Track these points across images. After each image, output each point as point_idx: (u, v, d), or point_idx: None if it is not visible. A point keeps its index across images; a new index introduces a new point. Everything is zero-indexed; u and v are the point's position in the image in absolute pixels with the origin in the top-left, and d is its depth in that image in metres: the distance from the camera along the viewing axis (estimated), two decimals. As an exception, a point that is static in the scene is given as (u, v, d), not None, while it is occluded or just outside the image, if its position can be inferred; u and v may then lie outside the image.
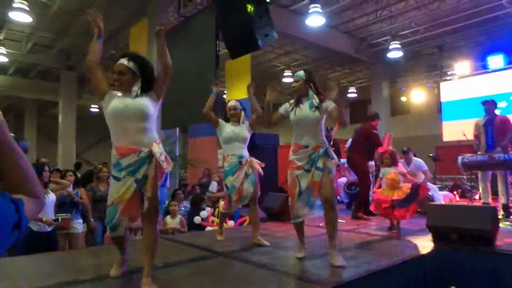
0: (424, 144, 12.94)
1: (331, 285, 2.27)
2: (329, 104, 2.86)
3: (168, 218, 4.80)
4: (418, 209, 5.42)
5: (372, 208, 4.33)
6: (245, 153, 3.70)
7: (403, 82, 13.56)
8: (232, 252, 3.19)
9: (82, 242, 4.78)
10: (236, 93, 11.29)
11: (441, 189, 7.19)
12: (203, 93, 5.96)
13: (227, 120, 3.69)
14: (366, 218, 5.07)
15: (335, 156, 2.95)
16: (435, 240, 3.50)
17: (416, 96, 13.75)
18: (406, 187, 4.04)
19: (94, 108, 18.89)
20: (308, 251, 3.06)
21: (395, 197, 4.02)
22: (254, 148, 7.13)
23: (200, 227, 5.25)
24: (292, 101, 3.07)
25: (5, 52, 10.95)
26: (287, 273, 2.57)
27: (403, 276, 2.82)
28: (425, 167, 5.89)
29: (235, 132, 3.64)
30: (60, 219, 4.18)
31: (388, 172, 4.13)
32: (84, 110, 19.04)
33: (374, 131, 5.44)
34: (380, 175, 4.31)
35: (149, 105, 2.34)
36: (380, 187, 4.29)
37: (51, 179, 4.60)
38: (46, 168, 4.20)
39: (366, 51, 12.21)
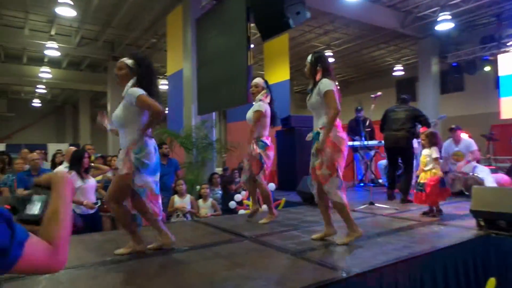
0: (479, 123, 11.96)
1: (353, 273, 2.15)
2: (323, 88, 2.75)
3: (200, 201, 4.87)
4: (466, 193, 5.09)
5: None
6: (255, 134, 3.65)
7: (454, 57, 12.51)
8: (259, 236, 3.17)
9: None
10: (275, 75, 11.14)
11: (495, 171, 6.61)
12: (236, 77, 5.92)
13: None
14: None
15: (335, 139, 2.71)
16: (479, 226, 3.22)
17: (470, 71, 12.64)
18: (431, 173, 3.75)
19: (140, 97, 19.69)
20: (334, 236, 2.95)
21: (420, 180, 3.84)
22: (289, 130, 7.01)
23: (234, 211, 5.30)
24: None
25: (56, 47, 11.65)
26: (308, 259, 2.49)
27: (440, 264, 2.63)
28: (474, 147, 5.43)
29: (248, 113, 3.70)
30: (100, 202, 4.41)
31: (421, 154, 3.91)
32: (132, 99, 19.92)
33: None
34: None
35: (122, 115, 2.56)
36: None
37: (93, 164, 4.87)
38: (86, 155, 4.43)
39: (413, 25, 11.38)
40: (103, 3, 9.69)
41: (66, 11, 8.52)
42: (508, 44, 11.22)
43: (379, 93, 4.91)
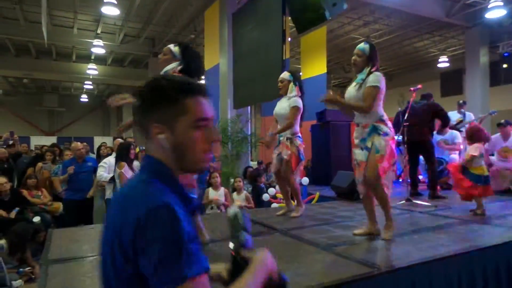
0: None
1: (383, 270, 2.12)
2: (374, 81, 2.68)
3: (234, 194, 4.96)
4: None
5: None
6: (294, 129, 3.61)
7: (506, 46, 11.67)
8: (290, 229, 3.19)
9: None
10: (312, 69, 11.01)
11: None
12: (272, 71, 5.94)
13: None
14: (443, 196, 4.65)
15: (389, 132, 2.72)
16: (526, 226, 3.03)
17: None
18: (479, 169, 3.55)
19: (180, 92, 20.24)
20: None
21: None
22: (324, 124, 6.93)
23: (267, 204, 5.34)
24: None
25: (102, 44, 12.27)
26: (338, 253, 2.47)
27: (479, 265, 2.50)
28: (525, 144, 5.07)
29: (275, 109, 3.67)
30: None
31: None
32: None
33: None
34: None
35: None
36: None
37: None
38: (132, 146, 4.68)
39: (460, 13, 10.74)
40: (145, 1, 10.05)
41: (110, 10, 8.94)
42: None
43: (419, 85, 4.71)
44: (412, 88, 4.65)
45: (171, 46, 2.72)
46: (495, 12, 9.53)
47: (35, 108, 21.17)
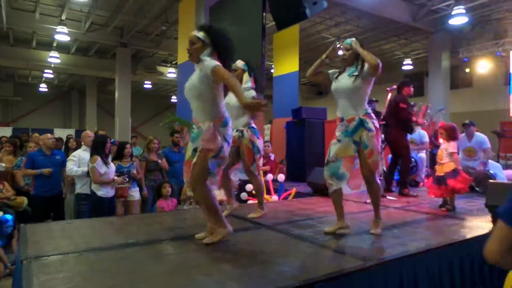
0: (488, 119, 11.89)
1: (374, 262, 2.19)
2: (372, 72, 2.73)
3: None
4: (477, 189, 5.11)
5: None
6: (237, 123, 3.23)
7: (466, 51, 12.41)
8: (274, 224, 3.21)
9: (138, 208, 5.12)
10: (284, 66, 11.11)
11: (504, 168, 6.62)
12: (250, 66, 5.92)
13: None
14: (413, 195, 4.86)
15: (372, 129, 2.75)
16: (494, 221, 3.25)
17: (481, 67, 12.57)
18: (447, 166, 3.76)
19: (147, 85, 19.67)
20: (354, 226, 2.99)
21: (437, 173, 3.86)
22: (299, 121, 7.02)
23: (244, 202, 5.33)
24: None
25: (66, 32, 11.62)
26: (328, 247, 2.53)
27: (455, 258, 2.66)
28: (487, 145, 5.43)
29: (225, 99, 3.06)
30: (128, 179, 4.66)
31: (439, 148, 3.92)
32: (139, 86, 19.94)
33: (402, 104, 4.96)
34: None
35: (197, 87, 2.41)
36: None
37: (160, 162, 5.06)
38: (108, 140, 4.51)
39: (425, 18, 11.28)
40: (115, -12, 9.65)
41: (78, -5, 8.49)
42: (521, 40, 11.12)
43: (395, 86, 4.90)
44: (388, 88, 4.82)
45: (196, 33, 2.47)
46: (458, 19, 10.09)
47: (-13, 96, 19.79)
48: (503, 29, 11.67)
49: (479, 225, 3.23)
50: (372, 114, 2.85)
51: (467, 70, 12.96)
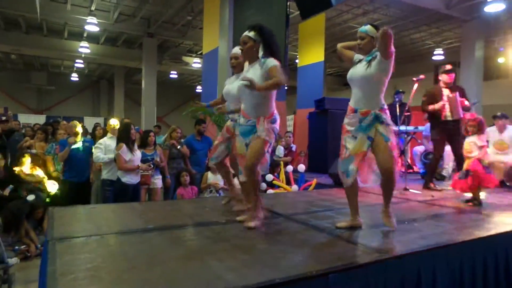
0: (523, 112, 11.32)
1: (391, 255, 2.16)
2: (388, 63, 2.57)
3: (209, 174, 4.91)
4: (508, 184, 4.90)
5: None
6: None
7: (502, 41, 11.76)
8: (293, 214, 3.21)
9: (160, 196, 5.25)
10: (310, 56, 10.95)
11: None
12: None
13: None
14: (437, 189, 4.72)
15: (390, 122, 2.63)
16: (523, 217, 3.11)
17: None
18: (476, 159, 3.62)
19: (173, 75, 19.94)
20: (372, 219, 2.95)
21: (464, 167, 3.72)
22: (322, 112, 6.93)
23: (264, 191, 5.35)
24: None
25: (96, 22, 11.92)
26: (344, 239, 2.51)
27: (478, 255, 2.57)
28: (522, 138, 5.16)
29: (227, 88, 3.21)
30: (153, 165, 4.77)
31: (465, 141, 3.76)
32: (165, 76, 20.24)
33: (423, 97, 4.85)
34: None
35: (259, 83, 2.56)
36: None
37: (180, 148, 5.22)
38: (132, 127, 4.63)
39: (459, 5, 10.74)
40: (142, -21, 9.77)
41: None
42: None
43: (422, 76, 4.72)
44: (414, 78, 4.66)
45: (247, 33, 2.68)
46: (494, 6, 9.56)
47: (23, 85, 20.65)
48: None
49: (505, 221, 3.10)
50: (387, 111, 2.69)
51: (503, 59, 12.29)
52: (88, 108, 23.32)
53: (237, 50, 3.18)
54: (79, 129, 5.17)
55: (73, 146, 5.01)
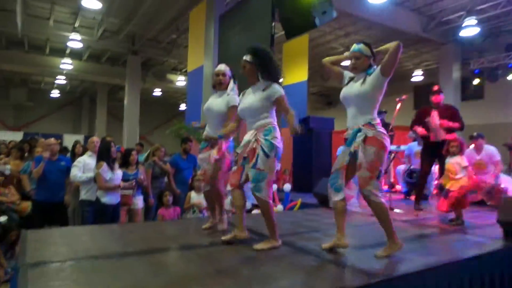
0: (499, 132, 11.68)
1: (380, 278, 2.11)
2: (382, 81, 2.51)
3: (192, 193, 4.70)
4: (488, 203, 4.98)
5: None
6: (216, 132, 3.06)
7: (477, 63, 12.25)
8: (280, 236, 3.12)
9: (141, 217, 5.08)
10: (293, 76, 11.09)
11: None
12: (233, 74, 5.92)
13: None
14: (419, 208, 4.74)
15: (378, 134, 2.47)
16: (506, 237, 3.13)
17: (491, 78, 12.37)
18: (463, 181, 3.66)
19: (157, 92, 19.83)
20: (360, 239, 2.91)
21: (448, 187, 3.72)
22: (308, 131, 6.96)
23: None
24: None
25: (79, 39, 11.82)
26: (332, 262, 2.45)
27: (466, 274, 2.55)
28: (498, 157, 5.27)
29: (208, 104, 3.17)
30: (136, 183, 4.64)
31: (448, 162, 3.79)
32: (148, 94, 20.11)
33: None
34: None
35: (258, 106, 2.73)
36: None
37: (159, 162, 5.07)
38: (112, 144, 4.49)
39: (436, 29, 11.19)
40: (128, -3, 9.79)
41: (92, 3, 8.63)
42: (534, 53, 10.95)
43: (404, 96, 4.81)
44: (397, 99, 4.74)
45: (245, 57, 2.75)
46: (469, 30, 10.00)
47: (1, 101, 20.12)
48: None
49: (490, 241, 3.11)
50: (379, 124, 2.58)
51: (478, 81, 12.77)
52: (69, 126, 22.83)
53: (223, 66, 3.17)
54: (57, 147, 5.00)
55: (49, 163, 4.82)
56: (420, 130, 4.84)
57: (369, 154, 2.46)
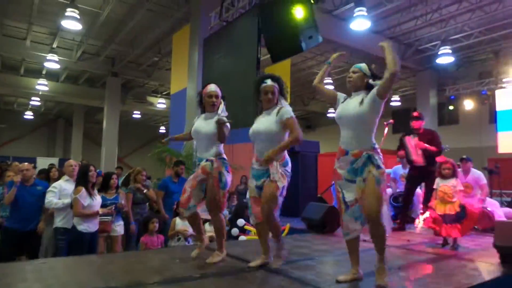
0: (474, 156, 11.98)
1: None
2: (379, 103, 2.45)
3: (177, 220, 4.44)
4: (475, 227, 4.97)
5: (426, 223, 3.95)
6: (207, 153, 2.98)
7: (452, 90, 12.74)
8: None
9: (121, 245, 4.76)
10: (275, 100, 11.15)
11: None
12: (244, 98, 5.83)
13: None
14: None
15: (382, 166, 2.47)
16: (503, 261, 3.07)
17: (467, 104, 12.88)
18: (458, 203, 3.64)
19: (136, 114, 19.50)
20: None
21: (446, 212, 3.67)
22: (293, 154, 6.88)
23: (235, 238, 5.05)
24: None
25: (57, 60, 11.51)
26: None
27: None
28: (484, 181, 5.34)
29: (197, 127, 3.06)
30: (116, 208, 4.38)
31: (442, 185, 3.75)
32: (127, 116, 19.75)
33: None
34: (435, 186, 3.90)
35: (272, 130, 2.76)
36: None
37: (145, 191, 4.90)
38: (92, 168, 4.23)
39: (413, 57, 11.63)
40: (110, 19, 9.70)
41: (72, 24, 8.44)
42: (504, 80, 11.48)
43: (391, 120, 4.85)
44: (385, 122, 4.75)
45: (271, 83, 2.83)
46: (444, 59, 10.41)
47: (-30, 123, 19.27)
48: (487, 69, 12.08)
49: (489, 268, 3.03)
50: (379, 149, 2.55)
51: (452, 107, 13.24)
52: (42, 148, 22.00)
53: (214, 87, 3.07)
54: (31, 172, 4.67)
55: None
56: (401, 153, 4.99)
57: (381, 178, 2.42)
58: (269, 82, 2.82)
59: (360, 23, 8.23)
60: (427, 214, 3.98)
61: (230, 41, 6.49)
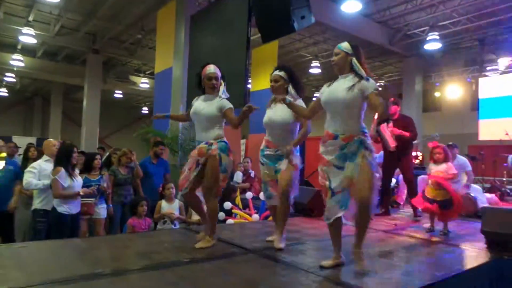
0: (456, 142, 12.23)
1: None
2: (369, 86, 2.38)
3: (163, 202, 4.36)
4: (461, 213, 5.05)
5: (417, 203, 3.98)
6: (207, 135, 2.90)
7: (437, 77, 12.84)
8: (263, 249, 2.90)
9: (104, 228, 4.62)
10: (262, 82, 10.93)
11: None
12: (232, 78, 5.66)
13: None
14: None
15: (373, 149, 2.44)
16: (491, 247, 3.10)
17: (451, 92, 13.03)
18: (448, 191, 3.67)
19: (118, 94, 18.93)
20: (345, 252, 2.72)
21: (439, 198, 3.66)
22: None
23: (222, 222, 4.98)
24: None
25: (33, 34, 10.90)
26: (329, 278, 2.25)
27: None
28: (470, 167, 5.42)
29: (198, 109, 2.95)
30: (99, 190, 4.24)
31: (436, 170, 3.75)
32: (108, 95, 19.15)
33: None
34: (428, 171, 3.92)
35: (287, 119, 2.99)
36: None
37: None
38: (75, 149, 4.05)
39: (401, 42, 11.59)
40: (90, -8, 9.20)
41: (48, -5, 7.96)
42: (488, 68, 11.63)
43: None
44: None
45: (278, 72, 3.05)
46: (432, 45, 10.41)
47: None
48: (472, 57, 12.20)
49: (476, 252, 3.06)
50: (367, 134, 2.48)
51: (437, 94, 13.38)
52: (19, 127, 21.16)
53: (213, 68, 2.93)
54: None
55: None
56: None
57: (374, 163, 2.38)
58: (277, 72, 3.04)
59: (351, 4, 8.09)
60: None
61: (218, 19, 6.25)
